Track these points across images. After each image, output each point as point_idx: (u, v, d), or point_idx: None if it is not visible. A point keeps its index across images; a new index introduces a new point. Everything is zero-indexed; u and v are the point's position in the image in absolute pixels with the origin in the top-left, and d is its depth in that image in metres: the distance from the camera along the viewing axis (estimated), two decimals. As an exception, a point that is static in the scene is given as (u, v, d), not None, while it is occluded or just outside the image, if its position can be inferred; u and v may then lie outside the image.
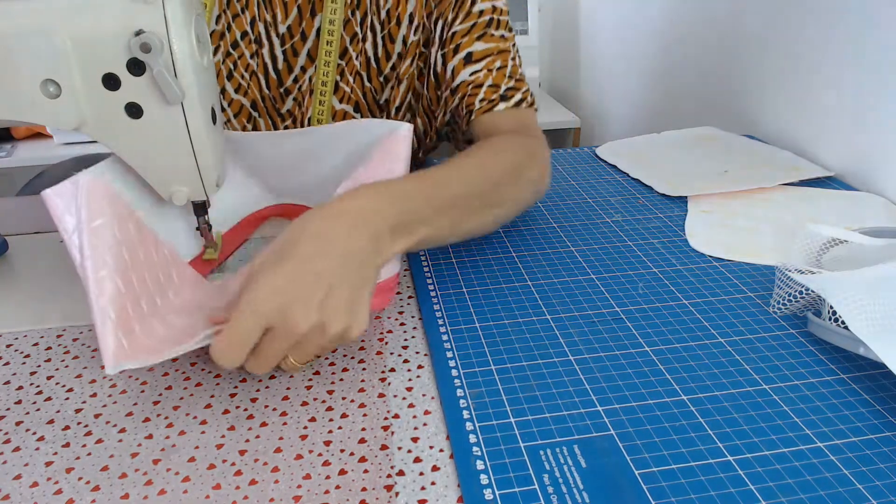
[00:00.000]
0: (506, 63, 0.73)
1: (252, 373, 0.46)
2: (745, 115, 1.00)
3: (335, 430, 0.44)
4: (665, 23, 1.23)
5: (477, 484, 0.39)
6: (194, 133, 0.52)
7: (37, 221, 0.73)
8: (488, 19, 0.73)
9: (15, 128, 1.58)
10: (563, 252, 0.64)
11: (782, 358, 0.49)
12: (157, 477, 0.40)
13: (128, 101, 0.50)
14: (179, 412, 0.45)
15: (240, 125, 0.79)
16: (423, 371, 0.49)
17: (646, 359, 0.49)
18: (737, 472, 0.39)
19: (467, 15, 0.73)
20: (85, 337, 0.53)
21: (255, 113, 0.78)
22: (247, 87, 0.76)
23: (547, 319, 0.54)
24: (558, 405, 0.45)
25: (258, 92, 0.76)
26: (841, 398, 0.45)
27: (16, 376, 0.49)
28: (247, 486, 0.39)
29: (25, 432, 0.44)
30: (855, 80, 0.77)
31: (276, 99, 0.77)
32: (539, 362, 0.49)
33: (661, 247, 0.65)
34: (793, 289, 0.52)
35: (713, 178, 0.78)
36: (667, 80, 1.25)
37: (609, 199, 0.76)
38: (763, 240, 0.65)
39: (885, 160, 0.74)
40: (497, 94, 0.72)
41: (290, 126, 0.79)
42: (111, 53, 0.48)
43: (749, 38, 0.97)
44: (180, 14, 0.48)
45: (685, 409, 0.44)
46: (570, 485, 0.39)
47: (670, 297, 0.57)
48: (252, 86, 0.76)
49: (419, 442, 0.43)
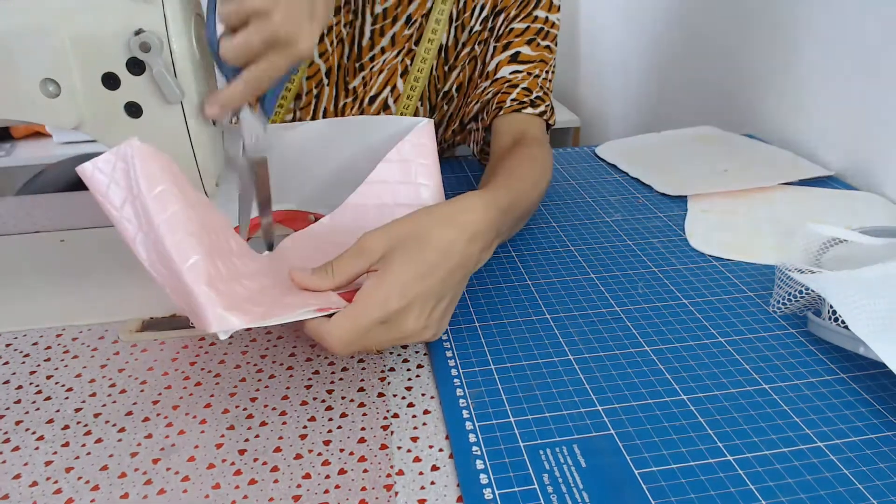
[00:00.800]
0: (542, 73, 0.76)
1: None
2: (745, 114, 0.99)
3: (335, 429, 0.44)
4: (665, 23, 1.23)
5: (476, 483, 0.39)
6: (194, 133, 0.52)
7: (36, 220, 0.73)
8: (542, 28, 0.77)
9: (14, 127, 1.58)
10: (563, 252, 0.64)
11: (782, 357, 0.49)
12: (156, 476, 0.40)
13: (127, 100, 0.50)
14: (179, 412, 0.45)
15: (308, 87, 0.80)
16: (422, 370, 0.49)
17: (646, 358, 0.49)
18: (737, 472, 0.39)
19: (527, 16, 0.76)
20: (85, 336, 0.53)
21: (326, 80, 0.80)
22: (330, 53, 0.78)
23: (547, 319, 0.54)
24: (558, 405, 0.45)
25: (337, 60, 0.79)
26: (841, 398, 0.45)
27: (15, 376, 0.49)
28: (246, 486, 0.39)
29: (25, 432, 0.44)
30: (855, 79, 0.77)
31: (349, 72, 0.79)
32: (539, 362, 0.49)
33: (660, 246, 0.65)
34: (793, 288, 0.52)
35: (713, 178, 0.78)
36: (667, 79, 1.25)
37: (609, 199, 0.76)
38: (763, 239, 0.65)
39: (885, 160, 0.74)
40: (528, 99, 0.74)
41: (348, 104, 0.81)
42: (111, 53, 0.48)
43: (749, 38, 0.97)
44: (180, 14, 0.48)
45: (685, 408, 0.44)
46: (569, 484, 0.39)
47: (670, 296, 0.57)
48: (335, 53, 0.78)
49: (419, 441, 0.43)
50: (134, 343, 0.52)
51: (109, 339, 0.53)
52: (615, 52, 1.49)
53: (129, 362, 0.50)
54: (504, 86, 0.75)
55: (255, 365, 0.50)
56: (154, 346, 0.52)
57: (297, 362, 0.50)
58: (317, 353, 0.51)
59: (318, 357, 0.50)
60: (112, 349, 0.52)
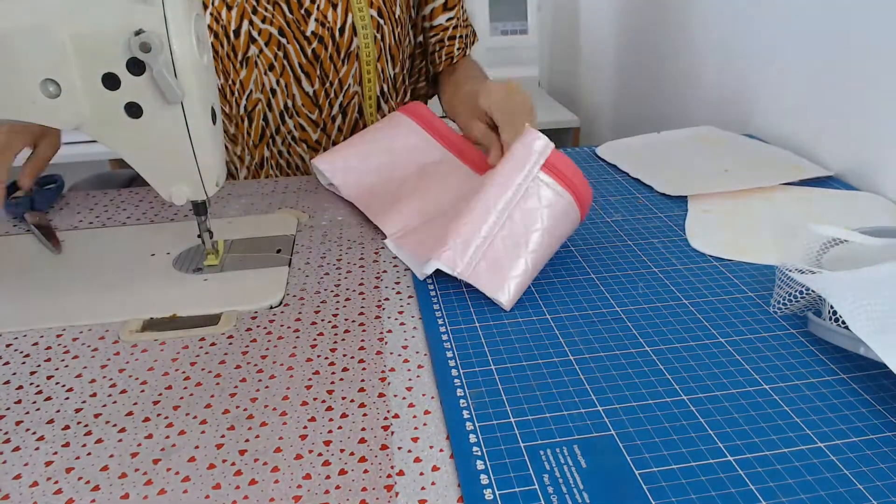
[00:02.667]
0: (461, 12, 0.93)
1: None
2: (745, 114, 0.99)
3: (335, 429, 0.44)
4: (665, 22, 1.23)
5: (477, 484, 0.39)
6: (194, 133, 0.52)
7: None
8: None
9: (14, 127, 1.57)
10: (563, 252, 0.64)
11: (783, 358, 0.49)
12: (157, 477, 0.40)
13: (128, 100, 0.50)
14: (179, 412, 0.45)
15: (271, 53, 0.83)
16: (423, 371, 0.49)
17: (646, 358, 0.49)
18: (737, 472, 0.39)
19: None
20: (85, 336, 0.53)
21: (284, 39, 0.82)
22: (271, 16, 0.81)
23: (547, 319, 0.54)
24: (558, 405, 0.45)
25: (283, 18, 0.81)
26: (841, 398, 0.45)
27: (16, 376, 0.49)
28: (247, 486, 0.39)
29: (25, 432, 0.44)
30: (855, 79, 0.77)
31: (300, 21, 0.82)
32: (539, 362, 0.49)
33: (661, 246, 0.65)
34: (793, 288, 0.52)
35: (713, 178, 0.78)
36: (667, 79, 1.25)
37: (609, 199, 0.76)
38: (763, 240, 0.65)
39: (885, 160, 0.74)
40: (464, 43, 0.95)
41: (317, 49, 0.83)
42: (111, 53, 0.48)
43: (749, 38, 0.97)
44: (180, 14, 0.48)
45: (685, 408, 0.44)
46: (570, 485, 0.39)
47: (670, 296, 0.57)
48: (276, 14, 0.81)
49: (419, 442, 0.43)
50: (134, 343, 0.52)
51: (110, 340, 0.53)
52: (615, 53, 1.49)
53: (130, 362, 0.50)
54: (445, 36, 0.92)
55: (256, 365, 0.50)
56: (154, 346, 0.52)
57: (297, 363, 0.50)
58: (317, 353, 0.51)
59: (318, 357, 0.50)
60: (112, 349, 0.52)
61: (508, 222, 0.56)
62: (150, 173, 0.54)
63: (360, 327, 0.54)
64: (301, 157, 0.91)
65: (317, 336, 0.53)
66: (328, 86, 0.85)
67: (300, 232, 0.70)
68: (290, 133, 0.88)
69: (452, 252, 0.55)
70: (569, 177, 0.58)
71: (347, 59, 0.84)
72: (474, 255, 0.55)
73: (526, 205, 0.56)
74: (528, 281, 0.56)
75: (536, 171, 0.57)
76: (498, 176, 0.57)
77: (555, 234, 0.57)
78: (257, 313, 0.56)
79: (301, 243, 0.67)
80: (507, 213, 0.56)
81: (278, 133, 0.88)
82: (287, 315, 0.56)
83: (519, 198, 0.56)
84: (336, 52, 0.84)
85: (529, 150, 0.57)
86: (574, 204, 0.58)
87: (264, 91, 0.85)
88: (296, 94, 0.85)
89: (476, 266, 0.55)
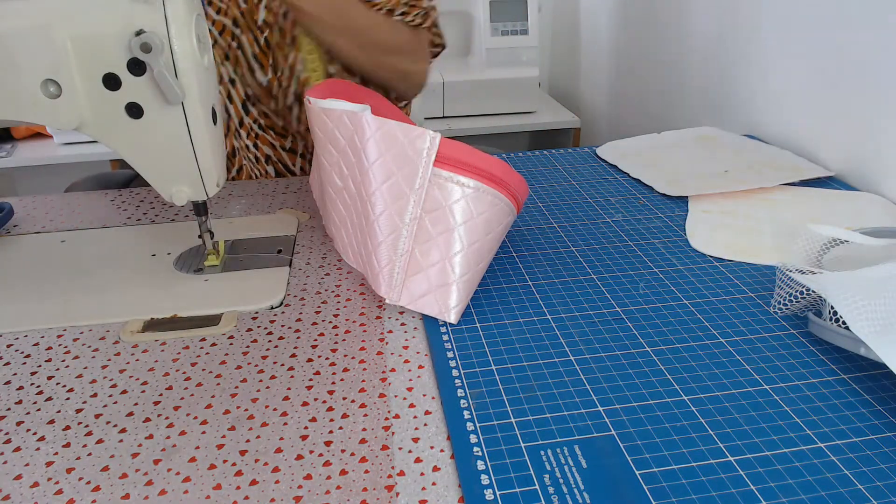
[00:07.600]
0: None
1: None
2: (745, 115, 0.99)
3: (336, 430, 0.44)
4: (665, 23, 1.23)
5: (478, 484, 0.39)
6: (195, 133, 0.52)
7: (37, 220, 0.73)
8: None
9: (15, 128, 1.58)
10: (563, 252, 0.64)
11: (783, 358, 0.49)
12: (157, 477, 0.40)
13: (128, 101, 0.50)
14: (180, 412, 0.45)
15: (224, 43, 0.84)
16: (423, 371, 0.49)
17: (646, 359, 0.49)
18: (738, 473, 0.39)
19: None
20: (86, 337, 0.53)
21: (238, 30, 0.83)
22: (226, 7, 0.82)
23: (547, 319, 0.54)
24: (559, 405, 0.45)
25: (237, 9, 0.82)
26: (841, 398, 0.45)
27: (16, 376, 0.49)
28: (247, 487, 0.40)
29: (26, 432, 0.44)
30: (855, 79, 0.77)
31: (253, 11, 0.82)
32: (539, 362, 0.49)
33: (661, 247, 0.65)
34: (793, 289, 0.52)
35: (713, 178, 0.78)
36: (667, 80, 1.25)
37: (609, 199, 0.76)
38: (763, 240, 0.65)
39: (885, 160, 0.74)
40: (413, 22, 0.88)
41: (269, 37, 0.82)
42: (112, 53, 0.48)
43: (749, 39, 0.97)
44: (181, 14, 0.48)
45: (686, 409, 0.44)
46: (570, 485, 0.39)
47: (671, 297, 0.57)
48: (231, 5, 0.82)
49: (420, 442, 0.43)
50: (135, 344, 0.52)
51: (111, 340, 0.53)
52: (615, 53, 1.49)
53: (131, 363, 0.50)
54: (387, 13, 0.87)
55: (257, 366, 0.50)
56: (155, 346, 0.52)
57: (297, 363, 0.50)
58: (318, 353, 0.51)
59: (318, 358, 0.50)
60: (113, 350, 0.52)
61: (420, 232, 0.52)
62: (150, 174, 0.54)
63: (360, 328, 0.54)
64: (272, 145, 0.90)
65: (317, 336, 0.53)
66: (280, 75, 0.85)
67: (301, 232, 0.70)
68: (255, 121, 0.88)
69: (387, 286, 0.54)
70: (468, 162, 0.52)
71: (293, 45, 0.84)
72: (398, 278, 0.53)
73: (431, 207, 0.52)
74: (469, 285, 0.53)
75: (430, 169, 0.51)
76: (395, 187, 0.52)
77: (478, 227, 0.52)
78: (258, 314, 0.56)
79: (302, 243, 0.67)
80: (415, 223, 0.52)
81: (242, 126, 0.88)
82: (288, 315, 0.56)
83: (422, 203, 0.52)
84: (282, 38, 0.83)
85: (416, 150, 0.51)
86: (486, 188, 0.52)
87: (223, 82, 0.85)
88: (251, 85, 0.85)
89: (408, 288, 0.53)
